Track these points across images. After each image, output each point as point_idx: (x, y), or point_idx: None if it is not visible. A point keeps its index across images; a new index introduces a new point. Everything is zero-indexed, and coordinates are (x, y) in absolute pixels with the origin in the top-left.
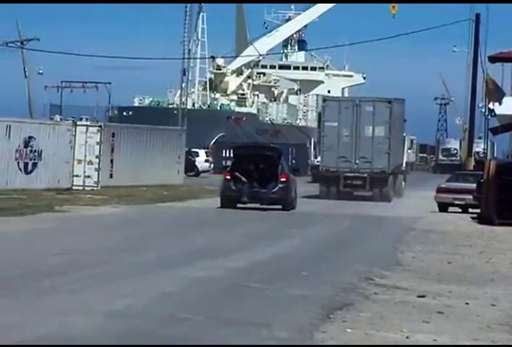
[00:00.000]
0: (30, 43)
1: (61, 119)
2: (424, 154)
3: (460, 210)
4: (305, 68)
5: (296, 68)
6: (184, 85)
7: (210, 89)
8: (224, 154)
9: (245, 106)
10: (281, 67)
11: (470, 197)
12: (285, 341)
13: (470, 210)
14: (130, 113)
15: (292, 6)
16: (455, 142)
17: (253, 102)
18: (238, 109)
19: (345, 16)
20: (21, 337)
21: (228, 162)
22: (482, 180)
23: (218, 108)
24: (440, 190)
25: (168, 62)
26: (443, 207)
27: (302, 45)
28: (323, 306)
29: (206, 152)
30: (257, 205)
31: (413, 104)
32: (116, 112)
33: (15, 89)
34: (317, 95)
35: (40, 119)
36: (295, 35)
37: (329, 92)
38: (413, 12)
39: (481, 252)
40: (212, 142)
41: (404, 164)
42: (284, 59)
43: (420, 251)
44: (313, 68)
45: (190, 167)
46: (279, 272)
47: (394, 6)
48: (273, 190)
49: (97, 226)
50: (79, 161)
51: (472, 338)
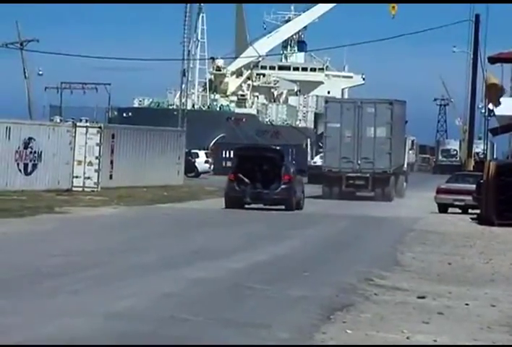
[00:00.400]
0: (30, 44)
1: (61, 120)
2: (428, 155)
3: (460, 211)
4: (305, 69)
5: (296, 69)
6: (184, 86)
7: (210, 90)
8: (224, 155)
9: (245, 107)
10: (281, 68)
11: (470, 198)
12: (285, 342)
13: (470, 211)
14: (130, 114)
15: (292, 6)
16: (455, 143)
17: (253, 103)
18: (238, 110)
19: (345, 17)
20: (21, 338)
21: (228, 163)
22: (482, 181)
23: (218, 109)
24: (440, 191)
25: (168, 63)
26: (443, 208)
27: (302, 46)
28: (323, 306)
29: (206, 153)
30: (261, 206)
31: (413, 105)
32: (116, 113)
33: (15, 90)
34: (317, 96)
35: (40, 120)
36: (295, 36)
37: (329, 93)
38: (412, 13)
39: (481, 253)
40: (212, 143)
41: (406, 165)
42: (284, 60)
43: (420, 251)
44: (313, 69)
45: (190, 168)
46: (279, 272)
47: (394, 6)
48: (276, 191)
49: (97, 227)
50: (79, 162)
51: (472, 339)
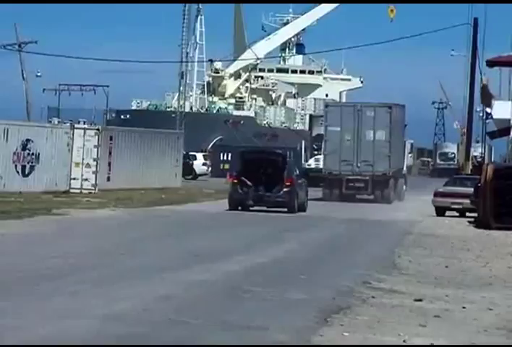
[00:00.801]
0: (28, 46)
1: (59, 122)
2: (427, 158)
3: (457, 214)
4: (303, 71)
5: (294, 71)
6: (182, 88)
7: (208, 92)
8: (222, 157)
9: (243, 110)
10: (279, 71)
11: (467, 201)
12: (283, 344)
13: (467, 214)
14: (128, 117)
15: (290, 9)
16: (452, 146)
17: (251, 105)
18: (236, 112)
19: (343, 20)
20: (19, 339)
21: (226, 165)
22: (480, 184)
23: (216, 112)
24: (438, 194)
25: (166, 65)
26: (441, 211)
27: (300, 48)
28: (321, 309)
29: (204, 155)
30: (264, 208)
31: (411, 108)
32: (114, 115)
33: (13, 92)
34: (315, 99)
35: (38, 122)
36: (293, 39)
37: (327, 95)
38: (411, 16)
39: (478, 256)
40: (210, 146)
41: (405, 168)
42: (282, 63)
43: (417, 255)
44: (311, 72)
45: (188, 170)
46: (277, 275)
47: (392, 9)
48: (278, 194)
49: (95, 229)
50: (76, 164)
51: (469, 342)
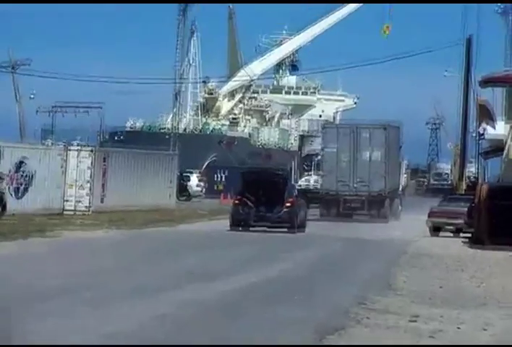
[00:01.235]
0: (22, 67)
1: (53, 143)
2: (423, 178)
3: (452, 234)
4: (297, 91)
5: (288, 92)
6: (176, 109)
7: (202, 113)
8: (216, 178)
9: (237, 130)
10: (273, 91)
11: (462, 221)
12: None
13: (462, 234)
14: (122, 137)
15: (284, 30)
16: (446, 166)
17: (245, 126)
18: (230, 133)
19: (337, 39)
20: None
21: (220, 185)
22: (474, 204)
23: (210, 132)
24: (432, 213)
25: (161, 86)
26: (435, 231)
27: (294, 68)
28: (315, 329)
29: (198, 176)
30: (265, 227)
31: (405, 128)
32: (108, 136)
33: (6, 113)
34: (309, 119)
35: (32, 143)
36: (287, 59)
37: (321, 116)
38: (405, 35)
39: (472, 276)
40: (204, 166)
41: (401, 188)
42: (276, 83)
43: (412, 275)
44: (305, 91)
45: (182, 191)
46: (272, 295)
47: (388, 26)
48: (279, 213)
49: (89, 250)
50: (70, 185)
51: None
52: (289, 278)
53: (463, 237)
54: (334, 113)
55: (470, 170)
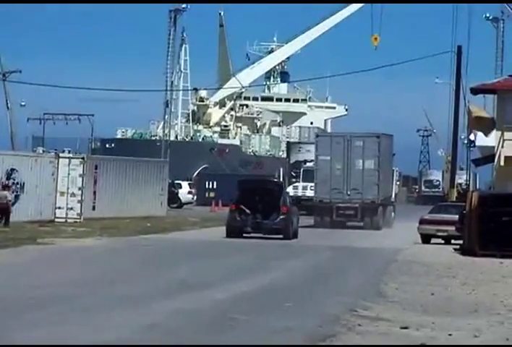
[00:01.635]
0: (12, 75)
1: (44, 151)
2: (416, 186)
3: (443, 242)
4: (288, 100)
5: (279, 100)
6: (167, 117)
7: (193, 121)
8: (207, 186)
9: (228, 138)
10: (264, 99)
11: (453, 229)
12: None
13: (453, 242)
14: (113, 145)
15: (275, 38)
16: (437, 174)
17: (236, 134)
18: (221, 141)
19: (327, 48)
20: None
21: (211, 193)
22: (465, 211)
23: (201, 140)
24: (423, 221)
25: (151, 94)
26: (426, 239)
27: (285, 76)
28: (307, 337)
29: (189, 184)
30: (259, 235)
31: (396, 136)
32: (99, 144)
33: None
34: (300, 127)
35: (23, 151)
36: (278, 67)
37: (311, 123)
38: (395, 44)
39: (463, 284)
40: (195, 174)
41: (394, 196)
42: (267, 91)
43: (403, 282)
44: (295, 100)
45: (173, 199)
46: (263, 303)
47: (376, 37)
48: (275, 221)
49: (80, 259)
50: (61, 193)
51: None
52: (281, 287)
53: (454, 244)
54: (325, 120)
55: (461, 177)
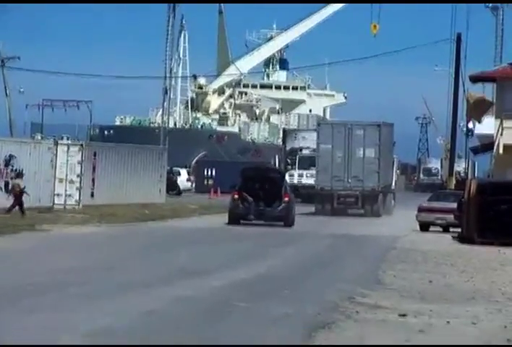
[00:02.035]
0: (11, 62)
1: (42, 138)
2: (415, 174)
3: (441, 229)
4: (287, 87)
5: (278, 87)
6: (166, 104)
7: (192, 108)
8: (206, 173)
9: (227, 125)
10: (263, 86)
11: (451, 216)
12: None
13: (451, 229)
14: (111, 132)
15: (274, 25)
16: (436, 162)
17: (235, 121)
18: (219, 128)
19: (326, 35)
20: None
21: (209, 181)
22: (463, 199)
23: (200, 127)
24: (422, 209)
25: (150, 81)
26: (425, 226)
27: (284, 64)
28: (305, 324)
29: (188, 171)
30: (255, 222)
31: (394, 123)
32: (98, 131)
33: None
34: (299, 115)
35: (21, 138)
36: (276, 54)
37: (310, 111)
38: (394, 32)
39: (462, 271)
40: (193, 161)
41: (394, 184)
42: (266, 78)
43: (401, 270)
44: (294, 87)
45: (172, 186)
46: (262, 290)
47: (375, 25)
48: (278, 208)
49: (79, 245)
50: (60, 180)
51: None
52: (279, 274)
53: (452, 232)
54: (324, 108)
55: (460, 165)
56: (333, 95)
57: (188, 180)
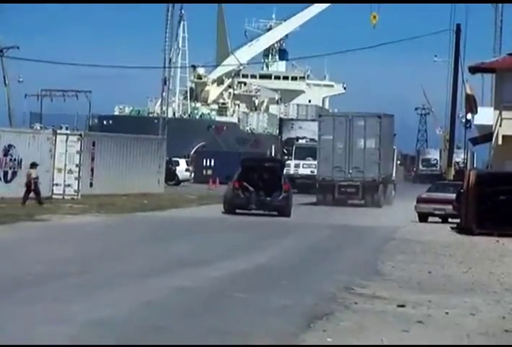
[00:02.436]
0: (10, 51)
1: (41, 128)
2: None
3: (440, 220)
4: (286, 77)
5: (277, 77)
6: (165, 94)
7: (191, 98)
8: (205, 163)
9: (226, 115)
10: (262, 77)
11: (450, 207)
12: None
13: (450, 220)
14: (110, 122)
15: (273, 15)
16: (435, 152)
17: (234, 111)
18: (218, 118)
19: (326, 26)
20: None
21: (208, 171)
22: (462, 190)
23: (199, 118)
24: (421, 200)
25: (149, 71)
26: (423, 217)
27: (283, 54)
28: (303, 315)
29: (187, 161)
30: (251, 212)
31: (394, 114)
32: (97, 121)
33: None
34: (298, 105)
35: (20, 128)
36: (276, 45)
37: (310, 101)
38: (394, 23)
39: (460, 262)
40: (192, 151)
41: (394, 174)
42: (265, 69)
43: (400, 260)
44: (294, 77)
45: (171, 176)
46: (260, 281)
47: (375, 16)
48: (278, 198)
49: (77, 235)
50: (59, 170)
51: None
52: (278, 264)
53: (451, 223)
54: (323, 98)
55: (459, 156)
56: (332, 86)
57: (187, 170)
